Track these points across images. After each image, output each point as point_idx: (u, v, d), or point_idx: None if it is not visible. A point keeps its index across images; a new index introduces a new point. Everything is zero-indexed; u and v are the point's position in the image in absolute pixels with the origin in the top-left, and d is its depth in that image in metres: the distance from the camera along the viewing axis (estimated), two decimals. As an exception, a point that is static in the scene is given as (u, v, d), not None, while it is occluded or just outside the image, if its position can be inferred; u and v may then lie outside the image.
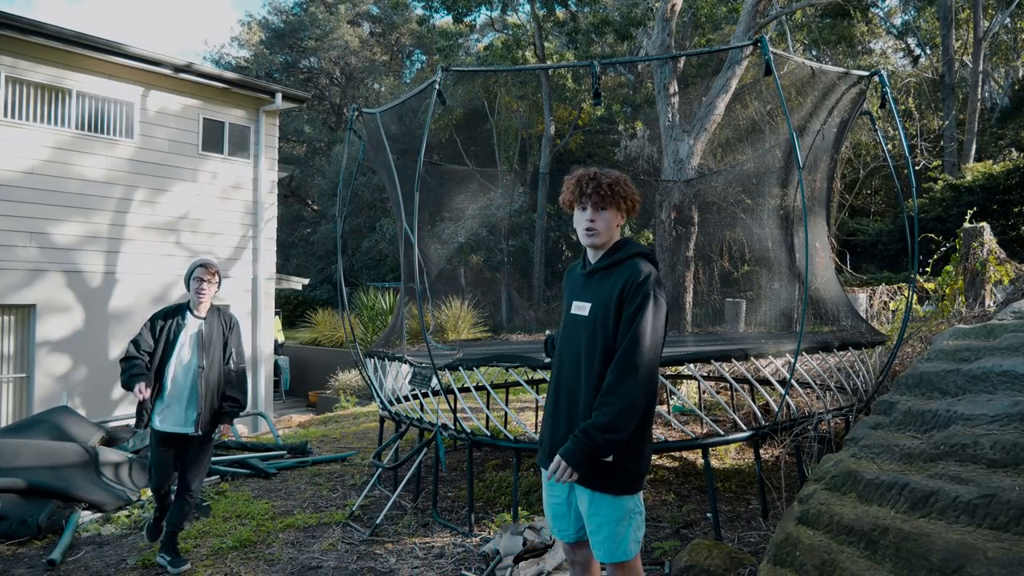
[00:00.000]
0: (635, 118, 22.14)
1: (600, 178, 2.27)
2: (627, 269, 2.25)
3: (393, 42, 34.85)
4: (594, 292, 2.30)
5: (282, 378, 15.83)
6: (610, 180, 2.27)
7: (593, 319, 2.26)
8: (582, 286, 2.36)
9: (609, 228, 2.30)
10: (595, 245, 2.32)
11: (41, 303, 8.83)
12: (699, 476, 5.34)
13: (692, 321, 9.29)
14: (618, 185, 2.28)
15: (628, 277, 2.22)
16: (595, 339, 2.23)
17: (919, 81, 21.00)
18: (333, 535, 4.37)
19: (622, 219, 2.35)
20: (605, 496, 2.22)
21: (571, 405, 2.29)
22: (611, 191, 2.26)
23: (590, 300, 2.29)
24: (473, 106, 24.75)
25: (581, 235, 2.32)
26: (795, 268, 7.23)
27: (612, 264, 2.30)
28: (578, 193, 2.28)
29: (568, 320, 2.36)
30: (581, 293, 2.35)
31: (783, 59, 5.15)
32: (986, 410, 2.35)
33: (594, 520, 2.25)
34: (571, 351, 2.32)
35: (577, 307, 2.34)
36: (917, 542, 2.00)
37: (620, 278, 2.24)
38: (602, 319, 2.24)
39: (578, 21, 20.97)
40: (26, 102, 8.80)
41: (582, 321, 2.29)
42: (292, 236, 29.27)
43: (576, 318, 2.32)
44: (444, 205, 8.73)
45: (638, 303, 2.17)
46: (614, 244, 2.34)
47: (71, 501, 4.77)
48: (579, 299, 2.35)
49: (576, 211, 2.32)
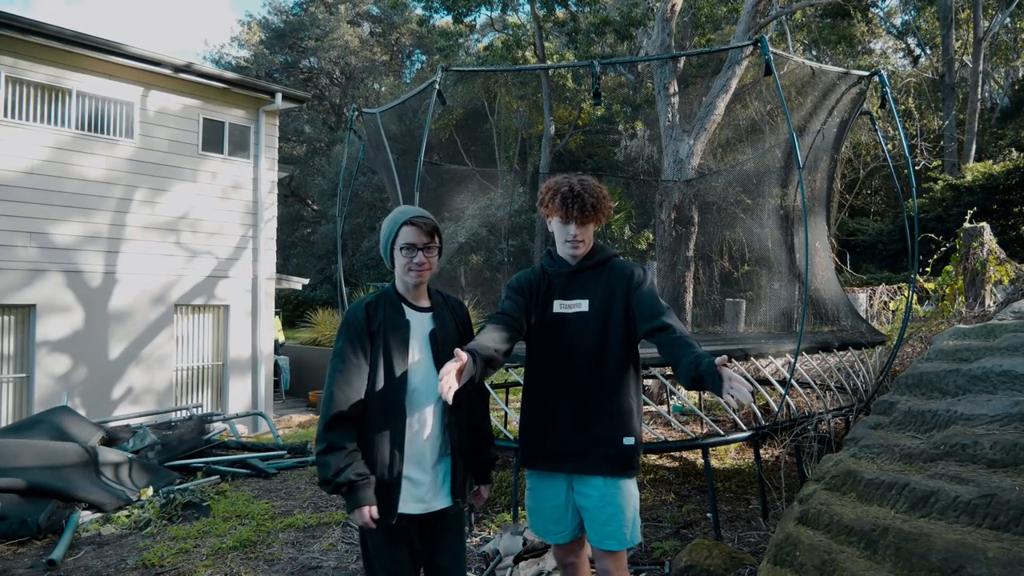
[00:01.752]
0: (635, 118, 22.14)
1: (585, 197, 2.35)
2: (618, 266, 2.44)
3: (393, 42, 34.85)
4: (586, 290, 2.39)
5: (282, 378, 15.82)
6: (593, 200, 2.36)
7: (599, 312, 2.36)
8: (565, 286, 2.42)
9: (589, 239, 2.44)
10: (578, 256, 2.44)
11: (41, 303, 8.83)
12: (699, 476, 5.34)
13: (692, 321, 9.29)
14: (599, 203, 2.39)
15: (626, 270, 2.42)
16: (607, 329, 2.34)
17: (919, 81, 21.00)
18: (333, 535, 4.37)
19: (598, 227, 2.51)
20: (618, 480, 2.32)
21: (582, 399, 2.33)
22: (594, 210, 2.37)
23: (585, 297, 2.38)
24: (473, 106, 24.76)
25: (562, 245, 2.43)
26: (795, 268, 7.23)
27: (596, 264, 2.44)
28: (564, 212, 2.37)
29: (553, 319, 2.39)
30: (566, 292, 2.41)
31: (783, 59, 5.15)
32: (986, 410, 2.35)
33: (608, 509, 2.30)
34: (566, 348, 2.36)
35: (564, 305, 2.39)
36: (917, 542, 2.00)
37: (617, 274, 2.41)
38: (609, 310, 2.36)
39: (578, 21, 20.96)
40: (26, 102, 8.79)
41: (579, 317, 2.37)
42: (292, 236, 29.27)
43: (566, 316, 2.38)
44: (444, 205, 8.73)
45: (649, 283, 2.39)
46: (592, 248, 2.47)
47: (71, 501, 4.77)
48: (564, 298, 2.40)
49: (556, 222, 2.41)
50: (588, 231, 2.40)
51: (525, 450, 2.44)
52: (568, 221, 2.38)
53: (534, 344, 2.45)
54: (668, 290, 9.21)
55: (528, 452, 2.44)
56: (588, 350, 2.34)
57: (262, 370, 10.89)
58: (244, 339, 10.74)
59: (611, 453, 2.31)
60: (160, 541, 4.32)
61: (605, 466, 2.30)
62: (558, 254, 2.48)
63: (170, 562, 3.95)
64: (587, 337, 2.34)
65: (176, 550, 4.11)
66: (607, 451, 2.31)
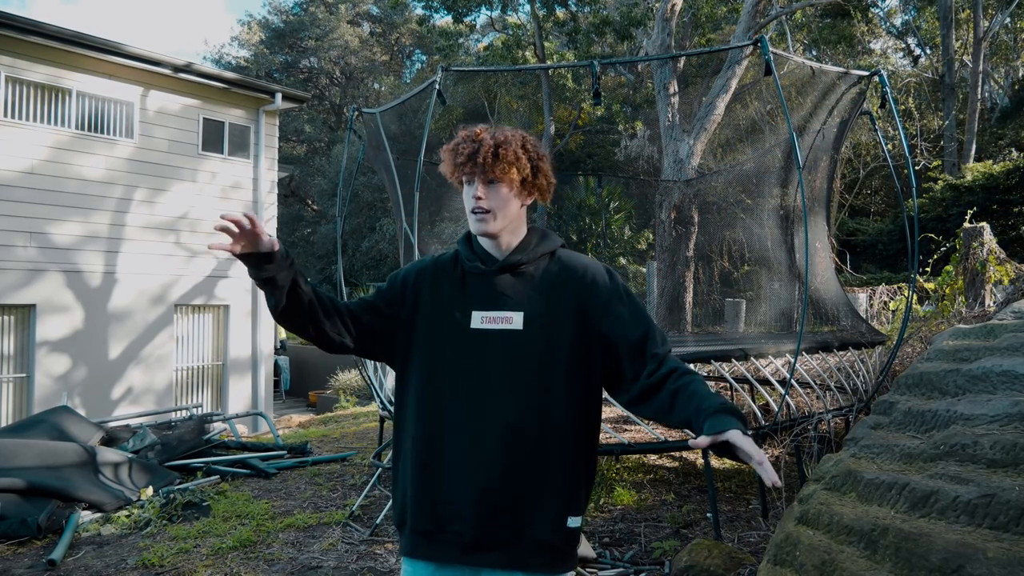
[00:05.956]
0: (635, 118, 22.14)
1: (484, 141, 1.61)
2: (571, 263, 1.67)
3: (393, 42, 34.86)
4: (519, 298, 1.61)
5: (282, 378, 15.85)
6: (500, 145, 1.60)
7: (540, 330, 1.58)
8: (487, 290, 1.63)
9: (508, 211, 1.62)
10: (491, 232, 1.62)
11: (41, 303, 8.83)
12: (699, 476, 5.34)
13: (692, 321, 9.30)
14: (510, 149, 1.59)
15: (586, 272, 1.65)
16: (552, 353, 1.58)
17: (919, 81, 21.00)
18: (333, 535, 4.37)
19: (527, 198, 1.67)
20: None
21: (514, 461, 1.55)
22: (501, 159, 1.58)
23: (517, 308, 1.59)
24: (473, 106, 24.77)
25: (470, 219, 1.65)
26: (795, 268, 7.23)
27: (536, 259, 1.66)
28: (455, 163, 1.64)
29: (469, 339, 1.59)
30: (488, 299, 1.61)
31: (783, 59, 5.16)
32: (986, 410, 2.35)
33: None
34: (488, 380, 1.57)
35: (487, 319, 1.60)
36: (917, 542, 2.00)
37: (569, 275, 1.64)
38: (554, 327, 1.59)
39: (578, 21, 20.96)
40: (25, 102, 8.80)
41: (508, 337, 1.58)
42: (292, 236, 29.28)
43: (487, 335, 1.59)
44: (444, 205, 8.72)
45: (627, 298, 1.64)
46: (528, 234, 1.69)
47: (71, 501, 4.77)
48: (486, 307, 1.61)
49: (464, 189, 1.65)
50: (500, 194, 1.59)
51: (415, 531, 1.60)
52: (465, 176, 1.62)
53: (428, 373, 1.61)
54: (668, 290, 9.22)
55: (419, 535, 1.60)
56: (523, 384, 1.56)
57: (262, 370, 10.90)
58: (244, 339, 10.74)
59: (553, 540, 1.56)
60: (160, 541, 4.32)
61: (541, 559, 1.56)
62: (478, 241, 1.69)
63: (170, 562, 3.95)
64: (522, 364, 1.56)
65: (176, 550, 4.11)
66: (546, 538, 1.55)
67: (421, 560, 1.60)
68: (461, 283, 1.65)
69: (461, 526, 1.55)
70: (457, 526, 1.55)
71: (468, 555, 1.56)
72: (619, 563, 3.68)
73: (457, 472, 1.56)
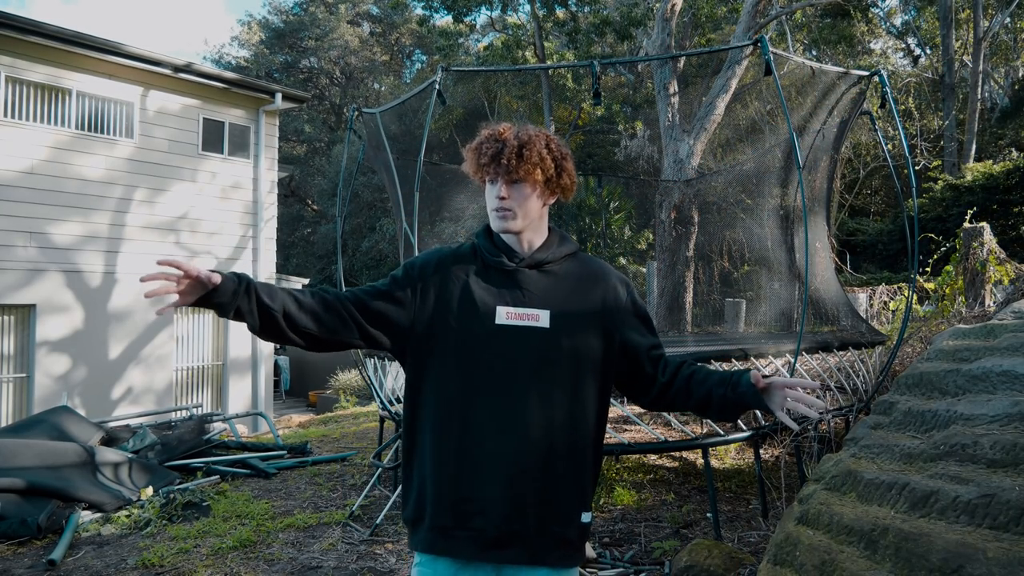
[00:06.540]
0: (635, 118, 22.14)
1: (508, 141, 1.62)
2: (594, 268, 1.73)
3: (393, 42, 34.85)
4: (545, 296, 1.62)
5: (282, 378, 15.85)
6: (524, 145, 1.61)
7: (566, 330, 1.60)
8: (514, 286, 1.63)
9: (529, 210, 1.64)
10: (511, 229, 1.63)
11: (41, 303, 8.83)
12: (699, 476, 5.34)
13: (692, 321, 9.30)
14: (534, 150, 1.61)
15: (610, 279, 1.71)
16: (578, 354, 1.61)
17: (919, 81, 21.00)
18: (333, 535, 4.37)
19: (550, 197, 1.69)
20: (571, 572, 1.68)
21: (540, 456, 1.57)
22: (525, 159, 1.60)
23: (542, 307, 1.60)
24: (473, 106, 24.76)
25: (492, 217, 1.66)
26: (795, 268, 7.23)
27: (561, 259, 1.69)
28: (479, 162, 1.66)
29: (494, 335, 1.58)
30: (515, 296, 1.61)
31: (783, 59, 5.16)
32: (986, 410, 2.35)
33: None
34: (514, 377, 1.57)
35: (514, 315, 1.59)
36: (917, 542, 2.00)
37: (593, 279, 1.69)
38: (580, 336, 1.61)
39: (578, 21, 20.96)
40: (25, 102, 8.80)
41: (535, 336, 1.59)
42: (292, 236, 29.27)
43: (514, 332, 1.58)
44: (444, 205, 8.73)
45: (641, 305, 1.74)
46: (550, 235, 1.72)
47: (71, 501, 4.77)
48: (514, 304, 1.61)
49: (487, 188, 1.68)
50: (523, 193, 1.61)
51: (434, 527, 1.59)
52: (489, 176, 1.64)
53: (451, 368, 1.60)
54: (668, 290, 9.22)
55: (438, 531, 1.59)
56: (552, 383, 1.58)
57: (262, 370, 10.90)
58: (244, 339, 10.74)
59: (569, 535, 1.62)
60: (160, 541, 4.32)
61: (559, 554, 1.61)
62: (500, 237, 1.69)
63: (170, 562, 3.95)
64: (550, 363, 1.58)
65: (176, 550, 4.11)
66: (564, 532, 1.61)
67: (441, 556, 1.59)
68: (483, 277, 1.64)
69: (484, 522, 1.56)
70: (480, 522, 1.56)
71: (489, 551, 1.57)
72: (619, 563, 3.68)
73: (484, 468, 1.56)
